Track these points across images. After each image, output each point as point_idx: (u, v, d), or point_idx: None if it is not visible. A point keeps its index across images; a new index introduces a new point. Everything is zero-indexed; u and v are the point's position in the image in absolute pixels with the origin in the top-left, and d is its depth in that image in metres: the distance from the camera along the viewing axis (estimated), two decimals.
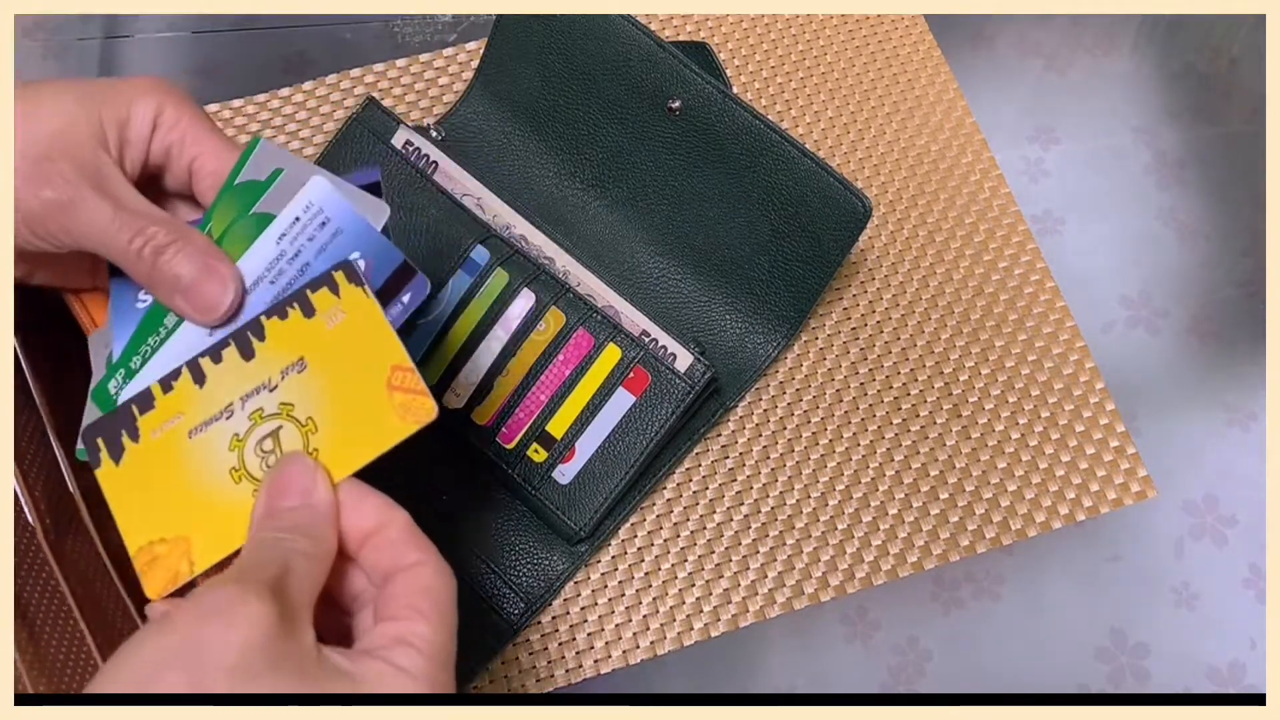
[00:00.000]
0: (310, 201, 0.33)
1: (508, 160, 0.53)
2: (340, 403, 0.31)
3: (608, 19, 0.49)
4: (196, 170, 0.35)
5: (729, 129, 0.48)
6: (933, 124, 0.57)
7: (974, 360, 0.52)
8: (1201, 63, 0.61)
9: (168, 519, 0.31)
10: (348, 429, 0.31)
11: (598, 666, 0.45)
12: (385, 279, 0.33)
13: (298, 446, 0.31)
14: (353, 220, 0.33)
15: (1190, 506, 0.50)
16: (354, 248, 0.33)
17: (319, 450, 0.31)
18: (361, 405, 0.31)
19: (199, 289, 0.32)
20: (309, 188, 0.33)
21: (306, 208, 0.33)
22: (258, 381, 0.32)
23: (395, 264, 0.33)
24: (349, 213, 0.33)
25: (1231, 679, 0.47)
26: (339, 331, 0.32)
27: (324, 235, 0.33)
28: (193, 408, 0.32)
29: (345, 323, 0.32)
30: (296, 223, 0.33)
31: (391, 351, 0.31)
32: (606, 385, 0.45)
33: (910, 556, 0.48)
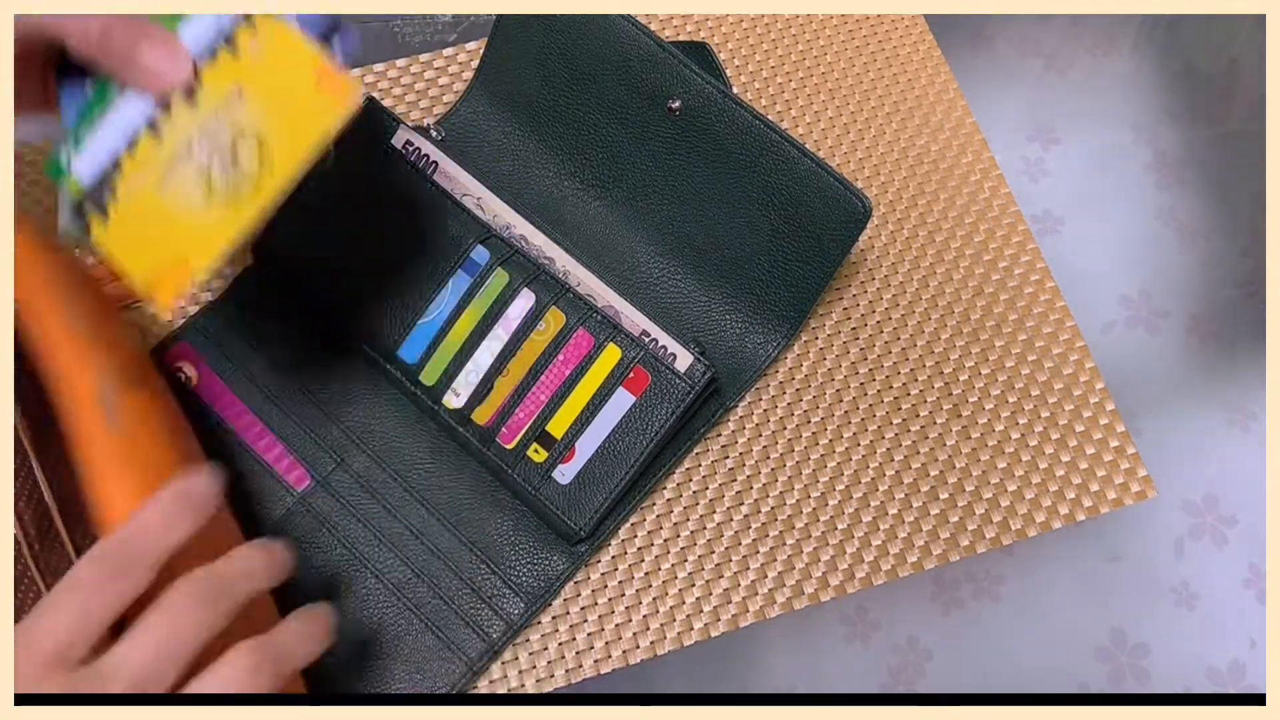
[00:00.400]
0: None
1: (508, 160, 0.53)
2: (280, 112, 0.34)
3: (608, 19, 0.49)
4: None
5: (729, 129, 0.48)
6: (933, 124, 0.57)
7: (974, 360, 0.52)
8: (1201, 63, 0.61)
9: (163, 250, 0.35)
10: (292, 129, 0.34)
11: (597, 666, 0.45)
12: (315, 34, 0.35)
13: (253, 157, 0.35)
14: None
15: (1190, 506, 0.50)
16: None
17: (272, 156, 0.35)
18: (298, 107, 0.34)
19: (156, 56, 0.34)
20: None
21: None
22: (206, 116, 0.35)
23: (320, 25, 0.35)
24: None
25: (1231, 679, 0.47)
26: (262, 56, 0.35)
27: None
28: (157, 157, 0.35)
29: (266, 48, 0.34)
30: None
31: (311, 58, 0.34)
32: (606, 385, 0.45)
33: (910, 556, 0.48)
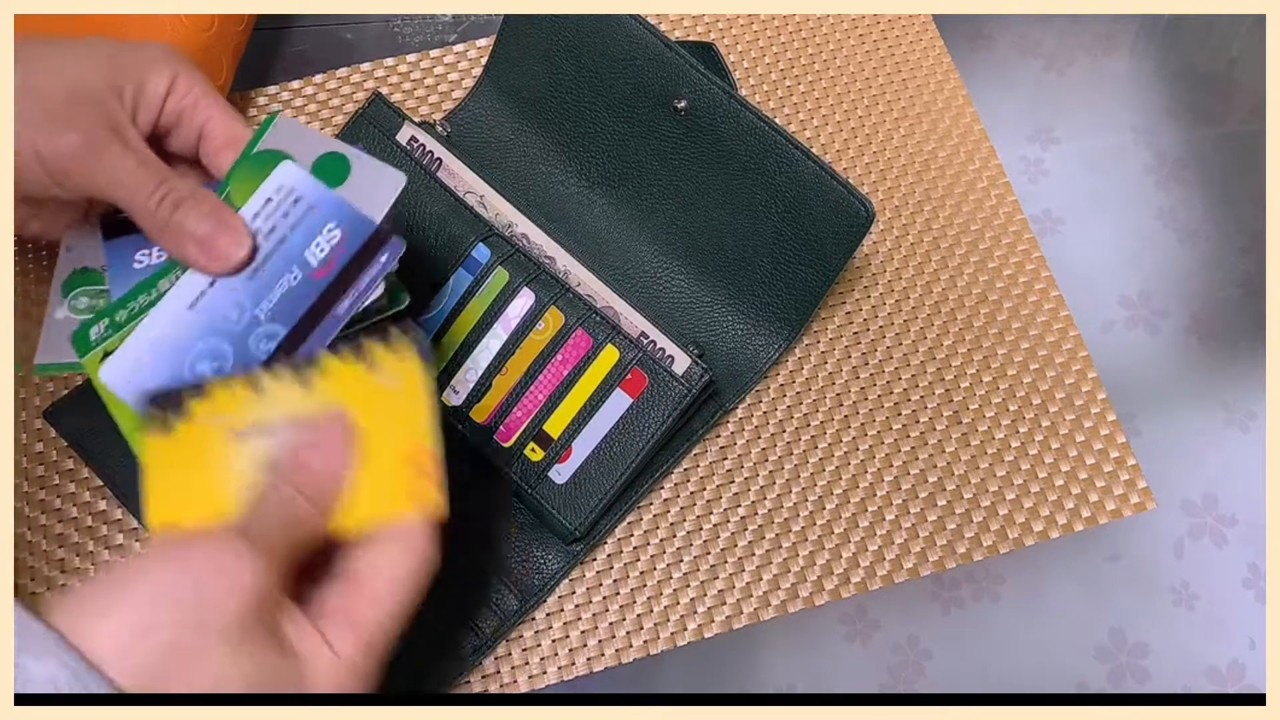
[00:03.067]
0: (280, 184, 0.35)
1: (513, 157, 0.53)
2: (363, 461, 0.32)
3: (616, 18, 0.49)
4: (208, 133, 0.37)
5: (733, 130, 0.48)
6: (940, 129, 0.57)
7: (975, 368, 0.52)
8: (1201, 63, 0.61)
9: (191, 505, 0.31)
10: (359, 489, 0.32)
11: (590, 665, 0.45)
12: (360, 245, 0.34)
13: None
14: (324, 196, 0.35)
15: (1190, 506, 0.50)
16: (328, 220, 0.35)
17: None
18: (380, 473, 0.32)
19: (214, 241, 0.34)
20: (279, 171, 0.35)
21: (278, 189, 0.35)
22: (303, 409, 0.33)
23: (369, 232, 0.35)
24: (320, 189, 0.35)
25: (1231, 679, 0.47)
26: (388, 394, 0.33)
27: (297, 211, 0.35)
28: (244, 410, 0.32)
29: (397, 388, 0.33)
30: (269, 203, 0.35)
31: (424, 432, 0.33)
32: (604, 386, 0.45)
33: (906, 562, 0.48)
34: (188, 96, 0.36)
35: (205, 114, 0.36)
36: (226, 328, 0.34)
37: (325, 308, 0.34)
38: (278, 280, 0.34)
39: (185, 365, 0.33)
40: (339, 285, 0.34)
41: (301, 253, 0.34)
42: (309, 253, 0.34)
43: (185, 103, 0.36)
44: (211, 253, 0.34)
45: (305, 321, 0.34)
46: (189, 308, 0.34)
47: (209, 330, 0.34)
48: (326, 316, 0.34)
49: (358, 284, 0.34)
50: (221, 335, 0.34)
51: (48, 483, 0.47)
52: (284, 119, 0.37)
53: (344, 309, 0.34)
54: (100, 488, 0.47)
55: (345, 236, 0.35)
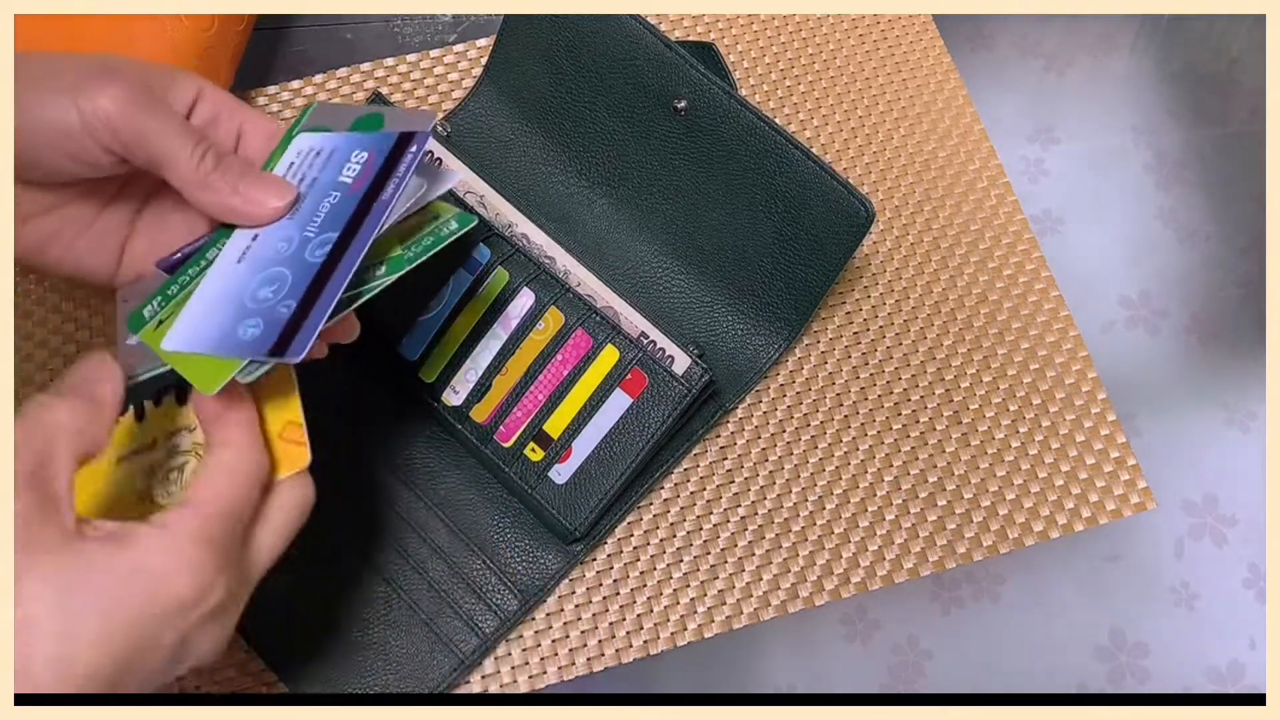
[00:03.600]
0: (300, 149, 0.37)
1: (514, 157, 0.53)
2: None
3: (616, 18, 0.49)
4: (248, 130, 0.37)
5: (733, 130, 0.48)
6: (941, 129, 0.57)
7: (975, 368, 0.52)
8: (1201, 63, 0.61)
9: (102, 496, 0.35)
10: None
11: (590, 665, 0.45)
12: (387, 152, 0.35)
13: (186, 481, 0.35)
14: (342, 138, 0.36)
15: (1190, 506, 0.50)
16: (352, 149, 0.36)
17: None
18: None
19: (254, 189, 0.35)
20: (295, 141, 0.37)
21: (298, 153, 0.37)
22: (183, 425, 0.36)
23: (392, 141, 0.35)
24: (335, 136, 0.36)
25: (1231, 679, 0.47)
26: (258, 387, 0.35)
27: (321, 160, 0.36)
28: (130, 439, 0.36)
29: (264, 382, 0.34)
30: (292, 166, 0.36)
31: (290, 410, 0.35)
32: (604, 386, 0.45)
33: (906, 563, 0.48)
34: (220, 102, 0.37)
35: (242, 115, 0.37)
36: (279, 258, 0.34)
37: (370, 202, 0.34)
38: (318, 205, 0.35)
39: (246, 297, 0.33)
40: (378, 182, 0.35)
41: (335, 179, 0.35)
42: (342, 176, 0.35)
43: (220, 108, 0.37)
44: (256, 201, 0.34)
45: (355, 219, 0.34)
46: (237, 262, 0.34)
47: (262, 268, 0.34)
48: (374, 204, 0.34)
49: (396, 173, 0.35)
50: (275, 263, 0.34)
51: None
52: (321, 104, 0.38)
53: (389, 194, 0.34)
54: None
55: (373, 153, 0.35)
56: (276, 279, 0.33)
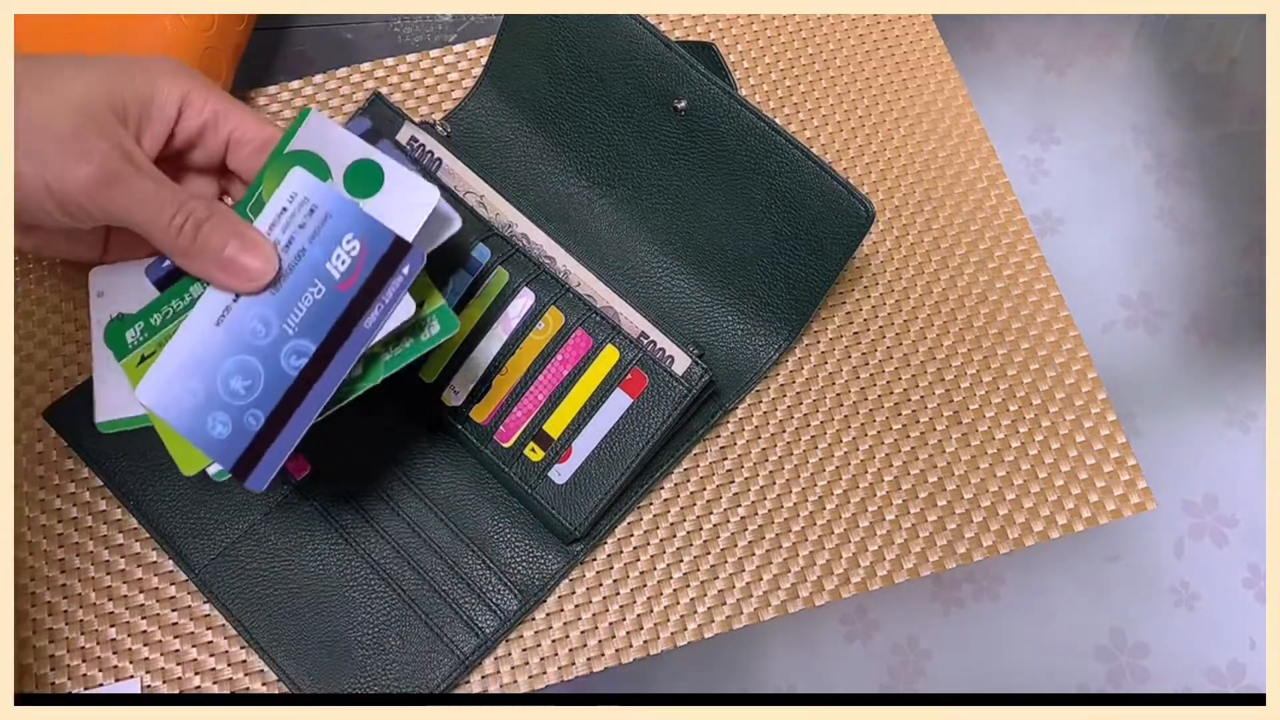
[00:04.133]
0: (294, 192, 0.35)
1: (514, 157, 0.53)
2: None
3: (616, 18, 0.49)
4: (236, 140, 0.36)
5: (733, 130, 0.48)
6: (941, 129, 0.57)
7: (975, 368, 0.52)
8: (1201, 63, 0.61)
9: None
10: None
11: (590, 665, 0.45)
12: (380, 257, 0.34)
13: None
14: (339, 204, 0.35)
15: (1190, 506, 0.50)
16: (346, 230, 0.34)
17: None
18: None
19: (239, 261, 0.34)
20: (291, 179, 0.35)
21: (291, 197, 0.35)
22: None
23: (388, 242, 0.34)
24: (334, 196, 0.35)
25: (1231, 679, 0.47)
26: None
27: (314, 221, 0.35)
28: None
29: None
30: (284, 213, 0.35)
31: None
32: (604, 386, 0.45)
33: (906, 563, 0.48)
34: (205, 110, 0.36)
35: (230, 124, 0.36)
36: (255, 343, 0.34)
37: (352, 321, 0.34)
38: (301, 294, 0.34)
39: (217, 381, 0.34)
40: (364, 298, 0.34)
41: (323, 265, 0.34)
42: (330, 265, 0.34)
43: (206, 118, 0.36)
44: (238, 273, 0.34)
45: (334, 336, 0.34)
46: (215, 324, 0.34)
47: (237, 346, 0.34)
48: (355, 329, 0.34)
49: (383, 296, 0.34)
50: (250, 351, 0.34)
51: (48, 483, 0.47)
52: (316, 116, 0.37)
53: (372, 322, 0.34)
54: (100, 488, 0.47)
55: (366, 248, 0.34)
56: (250, 373, 0.34)
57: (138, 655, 0.45)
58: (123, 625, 0.45)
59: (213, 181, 0.39)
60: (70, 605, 0.45)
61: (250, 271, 0.34)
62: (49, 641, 0.45)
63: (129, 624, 0.45)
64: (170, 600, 0.46)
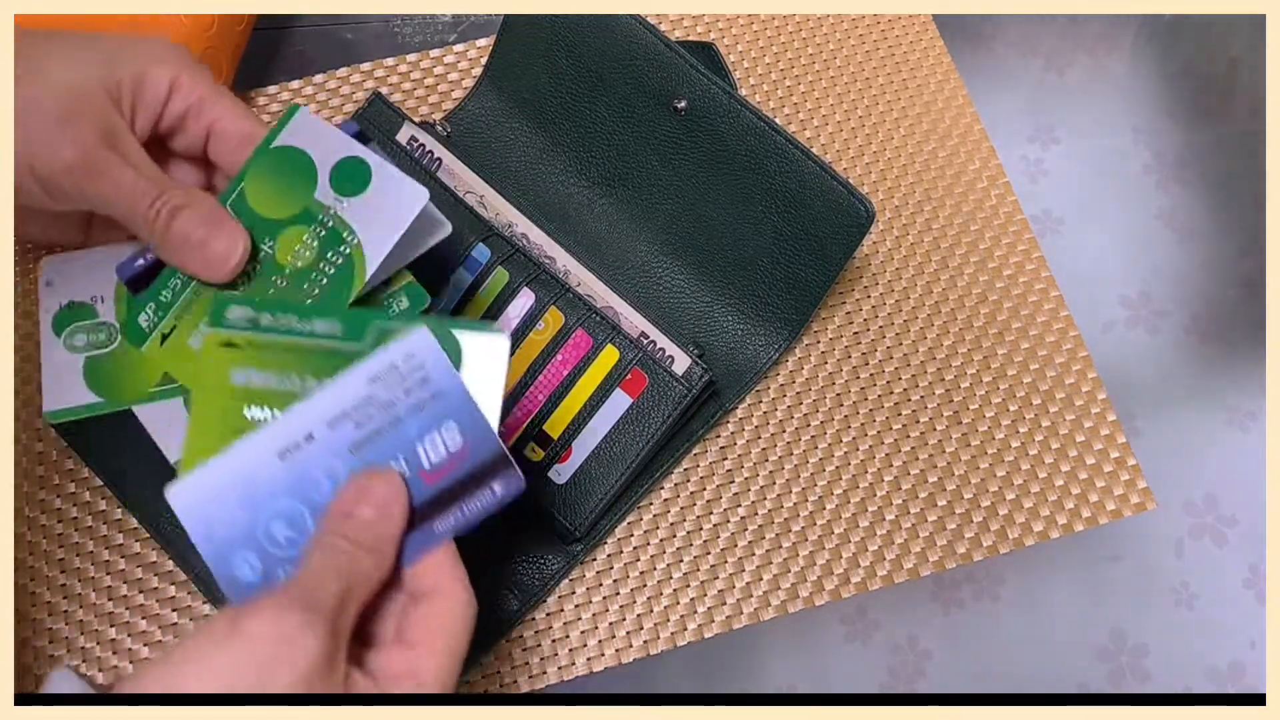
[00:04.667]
0: (411, 353, 0.31)
1: (514, 157, 0.53)
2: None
3: (616, 18, 0.49)
4: (218, 131, 0.36)
5: (733, 130, 0.48)
6: (941, 129, 0.57)
7: (975, 368, 0.52)
8: (1201, 63, 0.61)
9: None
10: None
11: (590, 665, 0.45)
12: (480, 462, 0.31)
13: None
14: (453, 386, 0.31)
15: (1190, 506, 0.50)
16: (451, 418, 0.31)
17: None
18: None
19: (208, 246, 0.33)
20: (413, 339, 0.31)
21: (407, 358, 0.31)
22: None
23: (493, 453, 0.32)
24: (451, 377, 0.31)
25: (1231, 679, 0.47)
26: None
27: (422, 393, 0.31)
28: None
29: None
30: (394, 370, 0.31)
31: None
32: (604, 386, 0.45)
33: (906, 563, 0.48)
34: (192, 95, 0.35)
35: (213, 113, 0.35)
36: (313, 496, 0.31)
37: (424, 518, 0.31)
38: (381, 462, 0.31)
39: (261, 522, 0.30)
40: (445, 499, 0.31)
41: (413, 444, 0.31)
42: (422, 448, 0.31)
43: (190, 103, 0.35)
44: (205, 257, 0.33)
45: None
46: (279, 457, 0.31)
47: (293, 490, 0.31)
48: (423, 527, 0.31)
49: (464, 505, 0.31)
50: (305, 502, 0.31)
51: (48, 483, 0.47)
52: (305, 113, 0.36)
53: (444, 528, 0.31)
54: (100, 488, 0.47)
55: (467, 447, 0.31)
56: (298, 527, 0.31)
57: (138, 655, 0.45)
58: (123, 625, 0.45)
59: (197, 169, 0.38)
60: (70, 605, 0.45)
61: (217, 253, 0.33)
62: (49, 641, 0.45)
63: (129, 624, 0.45)
64: (170, 600, 0.46)
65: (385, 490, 0.30)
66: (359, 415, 0.31)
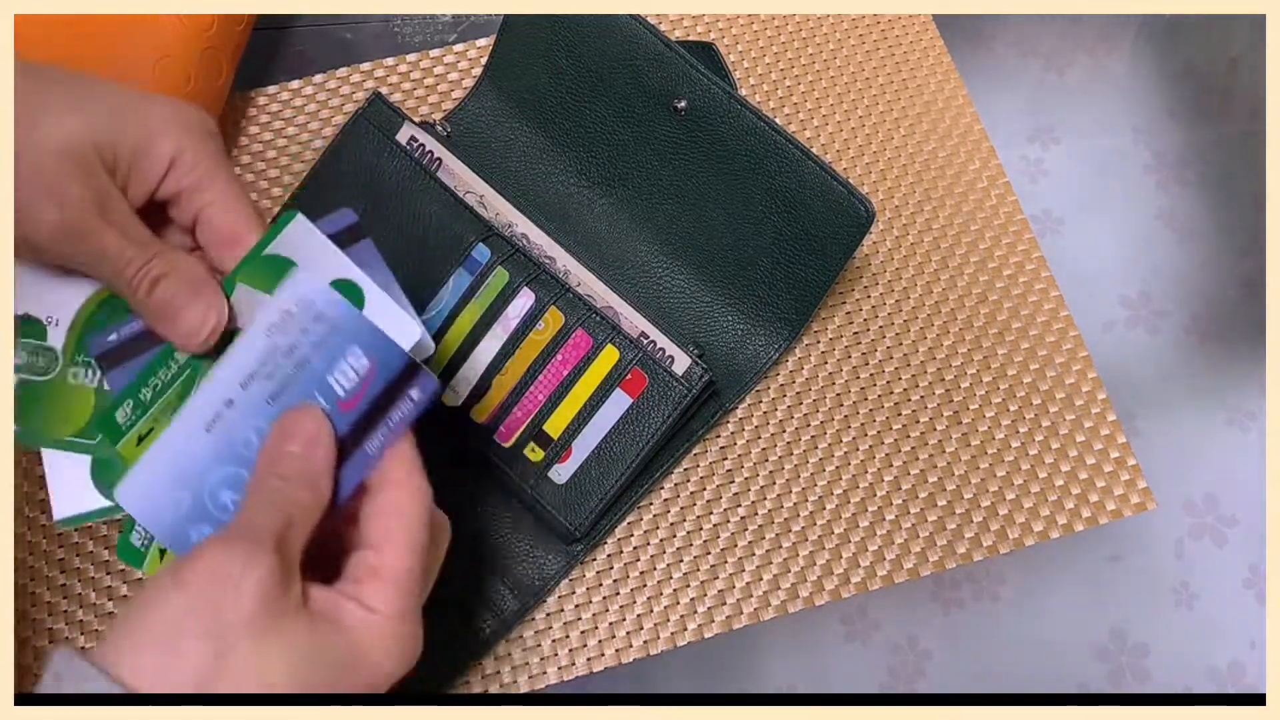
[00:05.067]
0: (301, 296, 0.32)
1: (514, 157, 0.53)
2: None
3: (616, 18, 0.49)
4: (204, 220, 0.34)
5: (733, 130, 0.48)
6: (941, 129, 0.57)
7: (975, 368, 0.52)
8: (1201, 63, 0.61)
9: None
10: None
11: (590, 665, 0.45)
12: (390, 378, 0.32)
13: None
14: (349, 316, 0.32)
15: (1190, 506, 0.50)
16: (353, 342, 0.32)
17: None
18: None
19: (179, 317, 0.32)
20: (298, 282, 0.32)
21: (299, 302, 0.32)
22: None
23: (401, 364, 0.32)
24: (344, 307, 0.32)
25: (1231, 679, 0.47)
26: None
27: (319, 329, 0.32)
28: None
29: None
30: (289, 316, 0.32)
31: None
32: (604, 386, 0.45)
33: (906, 563, 0.48)
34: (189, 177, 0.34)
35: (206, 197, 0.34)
36: (247, 455, 0.31)
37: (354, 443, 0.32)
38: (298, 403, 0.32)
39: (204, 493, 0.31)
40: (368, 420, 0.32)
41: (325, 378, 0.32)
42: (333, 379, 0.32)
43: (186, 182, 0.34)
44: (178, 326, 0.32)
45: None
46: (206, 429, 0.32)
47: (227, 456, 0.32)
48: (356, 451, 0.32)
49: (388, 419, 0.32)
50: (241, 463, 0.31)
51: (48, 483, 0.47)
52: (300, 222, 0.34)
53: (375, 446, 0.32)
54: None
55: (374, 367, 0.32)
56: (240, 488, 0.31)
57: None
58: None
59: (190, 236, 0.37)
60: (70, 605, 0.45)
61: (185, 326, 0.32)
62: (49, 642, 0.45)
63: None
64: None
65: (307, 424, 0.31)
66: (267, 367, 0.32)
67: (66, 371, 0.36)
